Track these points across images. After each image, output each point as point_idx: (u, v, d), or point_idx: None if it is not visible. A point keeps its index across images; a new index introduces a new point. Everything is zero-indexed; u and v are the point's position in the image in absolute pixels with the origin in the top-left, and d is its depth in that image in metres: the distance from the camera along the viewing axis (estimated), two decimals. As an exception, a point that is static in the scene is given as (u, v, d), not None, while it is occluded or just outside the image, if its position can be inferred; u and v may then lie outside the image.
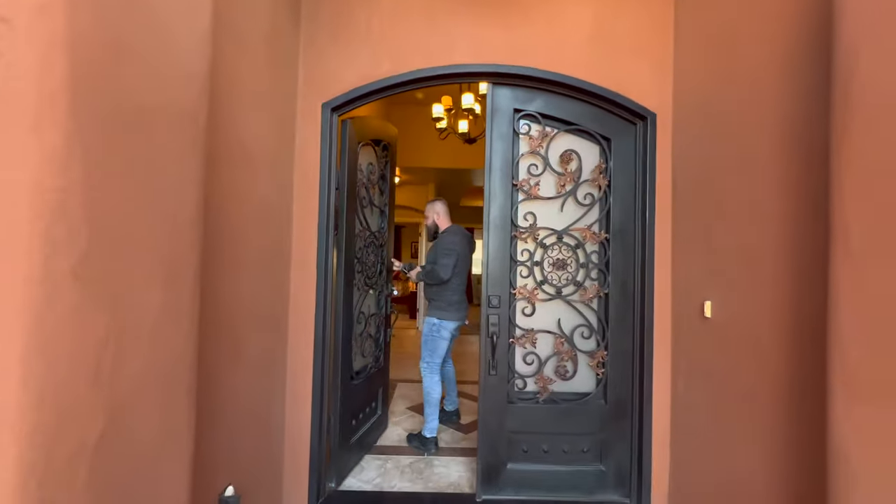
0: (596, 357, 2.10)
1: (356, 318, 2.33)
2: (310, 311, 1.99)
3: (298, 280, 1.98)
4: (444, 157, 5.84)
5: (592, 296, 2.10)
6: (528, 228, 2.09)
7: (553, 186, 2.14)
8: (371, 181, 2.48)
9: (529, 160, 2.13)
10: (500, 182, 2.10)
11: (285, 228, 1.91)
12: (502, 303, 2.08)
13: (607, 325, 2.10)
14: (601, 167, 2.11)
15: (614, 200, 2.11)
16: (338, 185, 2.14)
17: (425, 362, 2.77)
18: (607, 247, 2.11)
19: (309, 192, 2.01)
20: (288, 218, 1.94)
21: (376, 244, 2.57)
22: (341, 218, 2.15)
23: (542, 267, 2.11)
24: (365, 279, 2.43)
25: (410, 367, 4.80)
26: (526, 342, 2.09)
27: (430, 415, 2.70)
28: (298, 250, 1.99)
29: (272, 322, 1.80)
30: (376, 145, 2.56)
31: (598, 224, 2.14)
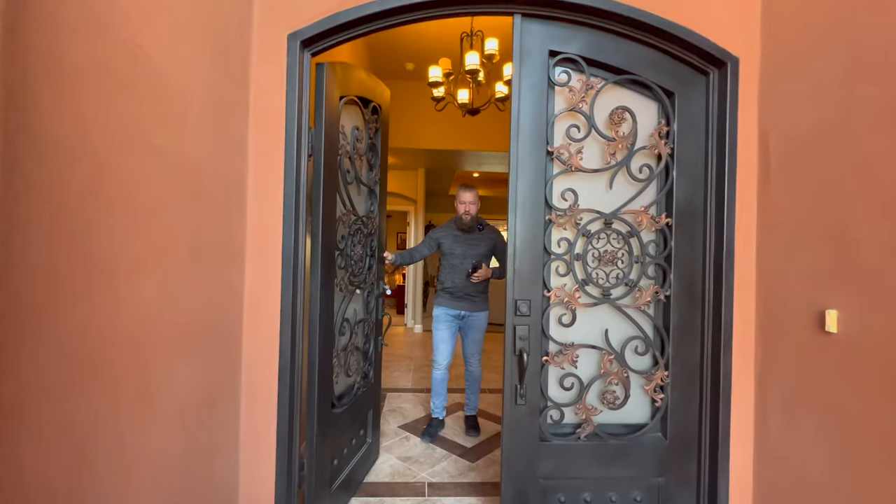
0: (653, 379, 1.61)
1: (339, 328, 1.80)
2: (272, 321, 1.44)
3: (256, 280, 1.44)
4: (437, 138, 5.29)
5: (649, 299, 1.60)
6: (567, 211, 1.58)
7: (598, 156, 1.63)
8: (357, 151, 1.93)
9: (568, 120, 1.61)
10: (531, 149, 1.57)
11: (234, 207, 1.36)
12: (533, 309, 1.57)
13: (668, 337, 1.61)
14: (661, 130, 1.60)
15: (678, 174, 1.61)
16: (312, 152, 1.59)
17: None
18: (669, 235, 1.61)
19: (270, 157, 1.45)
20: (238, 192, 1.39)
21: (364, 232, 2.03)
22: (317, 196, 1.60)
23: (584, 262, 1.60)
24: (350, 277, 1.89)
25: (402, 372, 4.28)
26: (563, 361, 1.58)
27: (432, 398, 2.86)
28: (256, 238, 1.44)
29: (214, 340, 1.26)
30: (364, 106, 2.00)
31: (656, 206, 1.63)
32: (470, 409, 2.94)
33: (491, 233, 2.86)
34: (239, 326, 1.40)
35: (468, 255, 2.74)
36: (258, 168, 1.44)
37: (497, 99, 3.22)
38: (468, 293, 2.76)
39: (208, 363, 1.22)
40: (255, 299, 1.43)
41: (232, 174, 1.33)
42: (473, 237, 2.77)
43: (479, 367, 2.88)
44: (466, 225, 2.72)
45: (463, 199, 2.74)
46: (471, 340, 2.82)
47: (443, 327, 2.78)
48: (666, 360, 1.62)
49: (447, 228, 2.83)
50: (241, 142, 1.39)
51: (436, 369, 2.83)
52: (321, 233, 1.60)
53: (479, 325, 2.81)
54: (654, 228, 1.62)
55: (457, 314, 2.78)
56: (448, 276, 2.78)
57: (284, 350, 1.44)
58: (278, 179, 1.45)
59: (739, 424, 1.54)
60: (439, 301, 2.82)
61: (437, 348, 2.79)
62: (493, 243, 2.84)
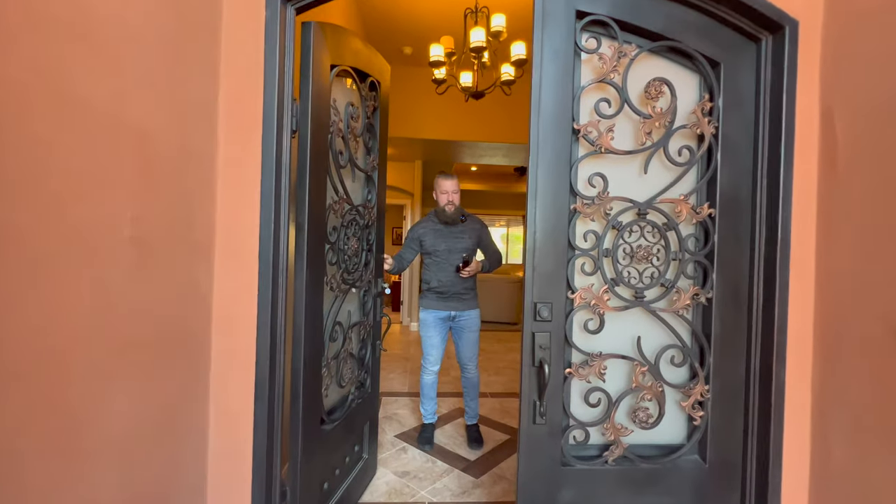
0: (692, 394, 1.39)
1: (329, 333, 1.57)
2: (248, 327, 1.21)
3: (228, 277, 1.20)
4: (436, 127, 5.04)
5: (688, 302, 1.38)
6: (595, 199, 1.36)
7: (631, 136, 1.41)
8: (353, 131, 1.69)
9: (597, 94, 1.38)
10: (553, 127, 1.35)
11: (199, 188, 1.12)
12: (555, 314, 1.35)
13: (709, 346, 1.40)
14: (705, 107, 1.38)
15: (723, 157, 1.39)
16: (297, 127, 1.35)
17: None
18: (712, 228, 1.39)
19: (245, 132, 1.21)
20: (205, 171, 1.15)
21: (360, 223, 1.79)
22: (302, 180, 1.36)
23: (614, 259, 1.38)
24: (343, 274, 1.65)
25: (398, 374, 4.06)
26: (590, 373, 1.37)
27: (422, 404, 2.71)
28: (227, 228, 1.20)
29: (172, 353, 1.02)
30: (360, 80, 1.76)
31: (696, 194, 1.41)
32: (471, 417, 2.73)
33: (475, 223, 2.68)
34: (206, 334, 1.17)
35: (454, 249, 2.54)
36: (230, 143, 1.20)
37: (503, 82, 2.98)
38: (457, 291, 2.56)
39: (163, 383, 0.99)
40: (227, 301, 1.20)
41: (195, 148, 1.09)
42: (457, 230, 2.58)
43: (476, 372, 2.67)
44: (450, 217, 2.52)
45: (445, 187, 2.53)
46: (466, 342, 2.60)
47: (432, 332, 2.59)
48: (706, 373, 1.40)
49: (426, 224, 2.62)
50: (209, 110, 1.15)
51: (426, 374, 2.66)
52: (308, 223, 1.37)
53: (472, 325, 2.61)
54: (694, 220, 1.40)
55: (447, 315, 2.58)
56: (434, 275, 2.57)
57: (262, 361, 1.21)
58: (255, 158, 1.21)
59: (792, 448, 1.34)
60: (426, 303, 2.61)
61: (428, 353, 2.62)
62: (478, 234, 2.65)
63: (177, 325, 1.03)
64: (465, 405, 2.73)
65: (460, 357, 2.64)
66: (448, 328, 2.61)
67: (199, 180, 1.11)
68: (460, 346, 2.62)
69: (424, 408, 2.68)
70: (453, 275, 2.52)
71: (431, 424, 2.69)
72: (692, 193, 1.40)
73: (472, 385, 2.68)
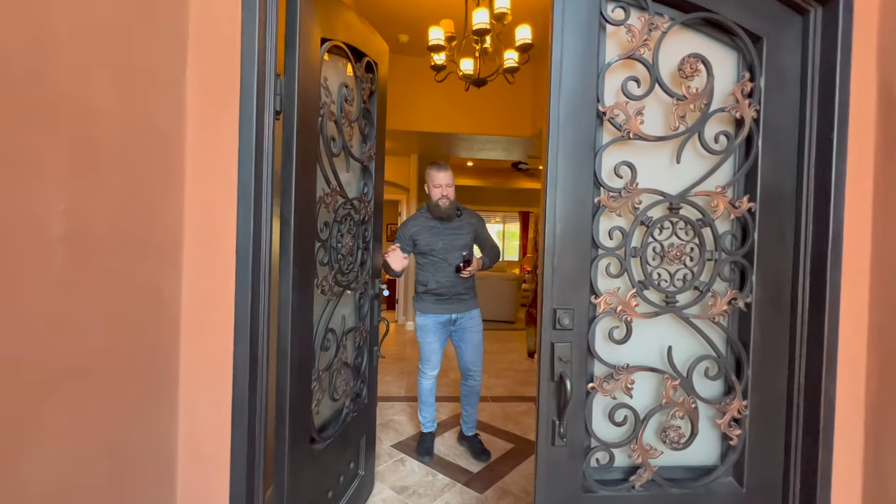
0: (728, 410, 1.24)
1: (320, 342, 1.40)
2: (224, 340, 1.04)
3: (199, 282, 1.03)
4: (433, 119, 4.86)
5: (725, 308, 1.23)
6: (622, 192, 1.20)
7: (661, 120, 1.25)
8: (347, 116, 1.51)
9: (624, 72, 1.22)
10: (575, 109, 1.18)
11: (162, 178, 0.94)
12: (577, 321, 1.19)
13: (748, 356, 1.25)
14: (745, 88, 1.22)
15: (765, 144, 1.23)
16: (282, 108, 1.17)
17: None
18: (751, 224, 1.23)
19: (220, 112, 1.03)
20: (169, 158, 0.97)
21: (355, 219, 1.62)
22: (288, 168, 1.19)
23: (643, 259, 1.22)
24: (336, 276, 1.48)
25: (393, 376, 3.89)
26: (615, 388, 1.21)
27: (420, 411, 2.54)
28: (197, 223, 1.03)
29: (123, 380, 0.85)
30: (356, 59, 1.58)
31: (733, 187, 1.26)
32: (470, 427, 2.54)
33: (471, 217, 2.49)
34: (173, 349, 0.99)
35: (451, 247, 2.35)
36: (202, 124, 1.02)
37: (506, 70, 2.81)
38: (457, 292, 2.37)
39: (112, 416, 0.81)
40: (199, 309, 1.02)
41: (157, 128, 0.91)
42: (453, 226, 2.38)
43: (480, 380, 2.47)
44: (445, 212, 2.31)
45: (438, 180, 2.32)
46: (469, 345, 2.42)
47: (432, 337, 2.40)
48: (744, 387, 1.25)
49: (419, 220, 2.40)
50: (174, 83, 0.97)
51: (425, 379, 2.47)
52: (294, 217, 1.19)
53: (475, 325, 2.43)
54: (732, 216, 1.24)
55: (447, 319, 2.39)
56: (431, 276, 2.36)
57: (240, 379, 1.04)
58: (230, 141, 1.04)
59: (842, 472, 1.19)
60: (423, 307, 2.41)
61: (428, 358, 2.43)
62: (475, 229, 2.47)
63: (131, 340, 0.85)
64: (462, 412, 2.53)
65: (463, 362, 2.45)
66: (448, 332, 2.43)
67: (161, 167, 0.93)
68: (463, 349, 2.43)
69: (423, 415, 2.51)
70: (453, 275, 2.34)
71: (431, 434, 2.52)
72: (729, 186, 1.24)
73: (475, 392, 2.49)
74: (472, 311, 2.43)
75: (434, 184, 2.33)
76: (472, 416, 2.53)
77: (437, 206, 2.32)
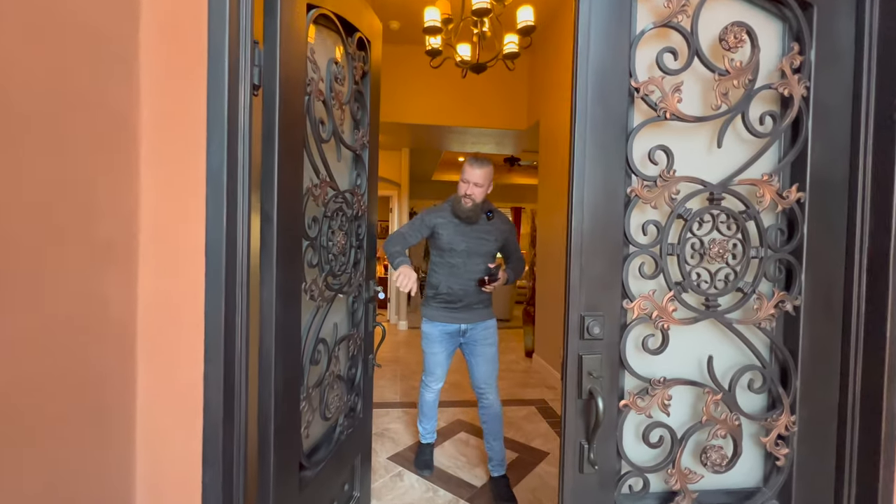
0: (775, 426, 1.10)
1: (310, 355, 1.22)
2: (192, 361, 0.86)
3: (159, 290, 0.84)
4: (425, 111, 4.68)
5: (772, 311, 1.09)
6: (657, 180, 1.04)
7: (699, 99, 1.10)
8: (337, 96, 1.33)
9: (659, 43, 1.06)
10: (604, 85, 1.02)
11: (106, 161, 0.75)
12: (607, 330, 1.03)
13: (796, 366, 1.11)
14: (793, 61, 1.07)
15: (815, 126, 1.09)
16: (261, 82, 0.99)
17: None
18: (800, 216, 1.09)
19: (182, 79, 0.85)
20: (118, 138, 0.78)
21: (347, 214, 1.44)
22: (269, 154, 1.01)
23: (681, 257, 1.07)
24: (328, 278, 1.30)
25: (387, 380, 3.72)
26: (651, 404, 1.06)
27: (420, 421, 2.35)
28: (156, 219, 0.84)
29: (52, 421, 0.66)
30: (347, 33, 1.40)
31: (779, 175, 1.11)
32: (497, 465, 2.14)
33: (503, 224, 2.18)
34: (127, 376, 0.81)
35: (474, 253, 2.07)
36: (162, 99, 0.84)
37: (506, 55, 2.64)
38: (470, 302, 2.11)
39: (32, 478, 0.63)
40: (160, 325, 0.84)
41: (101, 101, 0.72)
42: (482, 229, 2.09)
43: (497, 399, 2.13)
44: (465, 213, 2.01)
45: (466, 175, 1.99)
46: (482, 360, 2.11)
47: (438, 348, 2.15)
48: (792, 400, 1.11)
49: (445, 214, 2.10)
50: (123, 45, 0.78)
51: (427, 391, 2.26)
52: (278, 213, 1.01)
53: (488, 337, 2.13)
54: (780, 207, 1.10)
55: (455, 329, 2.13)
56: (444, 280, 2.10)
57: (213, 408, 0.86)
58: (197, 121, 0.85)
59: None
60: (430, 314, 2.16)
61: (432, 370, 2.19)
62: (504, 238, 2.18)
63: (66, 366, 0.67)
64: (486, 447, 2.15)
65: (475, 379, 2.14)
66: (457, 343, 2.17)
67: (109, 148, 0.75)
68: (474, 364, 2.13)
69: (423, 426, 2.33)
70: (469, 283, 2.08)
71: (430, 445, 2.35)
72: (775, 174, 1.10)
73: (495, 418, 2.11)
74: (485, 322, 2.15)
75: (463, 178, 2.01)
76: (497, 450, 2.13)
77: (458, 203, 2.03)
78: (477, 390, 2.14)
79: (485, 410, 2.13)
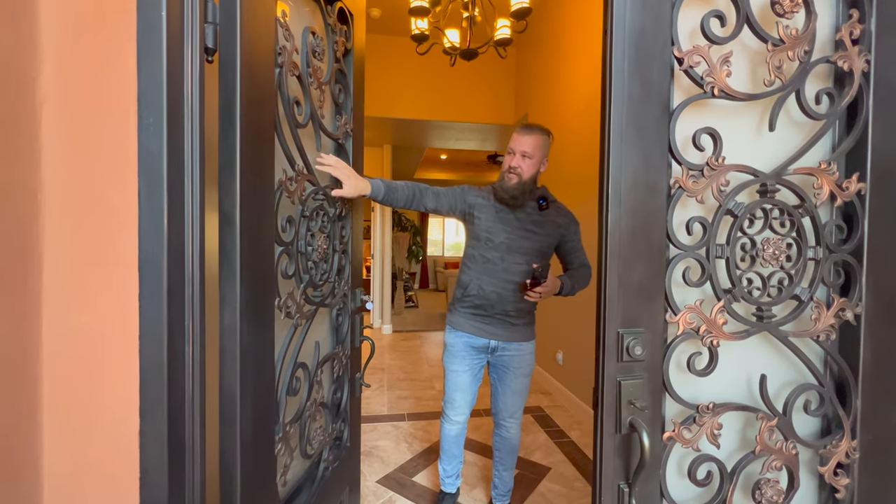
0: (834, 454, 0.95)
1: (286, 386, 1.01)
2: (121, 413, 0.64)
3: (70, 316, 0.62)
4: (409, 105, 4.47)
5: (832, 322, 0.94)
6: (704, 169, 0.87)
7: (747, 74, 0.94)
8: (315, 73, 1.11)
9: (702, 7, 0.89)
10: (641, 56, 0.85)
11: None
12: (648, 348, 0.86)
13: (857, 384, 0.96)
14: (853, 31, 0.92)
15: (876, 106, 0.94)
16: (216, 44, 0.77)
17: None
18: (861, 211, 0.94)
19: (104, 32, 0.62)
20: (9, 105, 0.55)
21: (330, 214, 1.23)
22: (229, 137, 0.79)
23: (730, 259, 0.90)
24: (307, 290, 1.09)
25: (373, 391, 3.50)
26: (699, 435, 0.89)
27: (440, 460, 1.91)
28: (67, 215, 0.62)
29: None
30: (327, 1, 1.19)
31: (836, 163, 0.96)
32: (502, 495, 1.91)
33: (561, 216, 1.72)
34: (30, 445, 0.58)
35: (517, 248, 1.64)
36: (71, 57, 0.61)
37: (498, 42, 2.46)
38: (506, 311, 1.67)
39: None
40: (76, 372, 0.61)
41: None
42: (530, 220, 1.66)
43: (518, 431, 1.83)
44: (509, 192, 1.60)
45: (514, 143, 1.59)
46: (510, 389, 1.75)
47: (461, 366, 1.73)
48: (853, 423, 0.96)
49: (487, 193, 1.70)
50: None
51: (449, 424, 1.81)
52: (241, 213, 0.80)
53: (521, 365, 1.73)
54: (839, 200, 0.95)
55: (484, 345, 1.72)
56: (475, 277, 1.67)
57: (152, 479, 0.64)
58: (125, 92, 0.63)
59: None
60: (455, 320, 1.74)
61: (452, 396, 1.76)
62: (561, 234, 1.71)
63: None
64: (493, 473, 1.91)
65: (498, 408, 1.80)
66: (484, 361, 1.77)
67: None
68: (500, 393, 1.77)
69: (444, 467, 1.89)
70: (507, 286, 1.65)
71: (453, 496, 1.92)
72: (831, 161, 0.94)
73: (511, 448, 1.83)
74: (522, 344, 1.73)
75: (509, 148, 1.62)
76: (506, 480, 1.89)
77: (501, 182, 1.63)
78: (498, 418, 1.83)
79: (502, 441, 1.84)
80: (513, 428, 1.80)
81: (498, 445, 1.85)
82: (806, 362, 0.95)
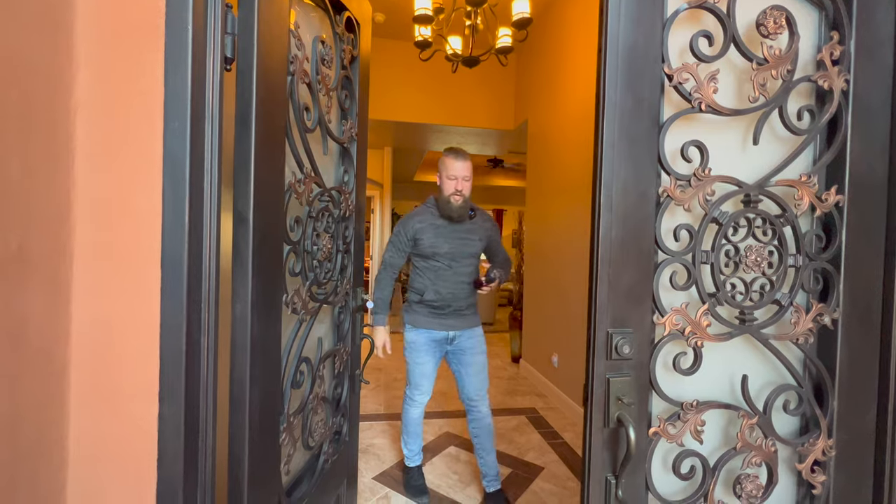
0: (811, 451, 1.00)
1: (291, 379, 1.05)
2: (142, 396, 0.68)
3: (98, 308, 0.67)
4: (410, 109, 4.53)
5: (811, 326, 0.99)
6: (691, 179, 0.93)
7: (733, 90, 0.99)
8: (323, 81, 1.16)
9: (692, 27, 0.95)
10: (633, 71, 0.91)
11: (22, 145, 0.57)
12: (636, 347, 0.91)
13: (833, 385, 1.01)
14: (833, 52, 0.98)
15: (854, 122, 1.00)
16: (234, 54, 0.82)
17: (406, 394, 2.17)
18: (839, 221, 1.00)
19: (133, 46, 0.67)
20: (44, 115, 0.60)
21: (334, 215, 1.28)
22: (244, 142, 0.84)
23: (715, 265, 0.96)
24: (312, 288, 1.14)
25: (370, 389, 3.54)
26: (683, 431, 0.94)
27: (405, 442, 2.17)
28: (96, 216, 0.67)
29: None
30: (335, 10, 1.24)
31: (816, 175, 1.01)
32: (491, 480, 2.03)
33: (485, 221, 2.10)
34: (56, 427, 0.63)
35: (459, 254, 1.97)
36: (104, 68, 0.66)
37: (499, 50, 2.52)
38: (458, 307, 2.00)
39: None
40: (101, 358, 0.66)
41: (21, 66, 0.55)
42: (464, 228, 1.99)
43: (489, 411, 2.04)
44: (456, 211, 1.91)
45: (454, 170, 1.90)
46: (472, 371, 2.01)
47: (425, 357, 2.01)
48: (829, 422, 1.02)
49: (424, 217, 1.99)
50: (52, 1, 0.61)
51: (412, 406, 2.11)
52: (254, 213, 0.84)
53: (477, 346, 2.03)
54: (819, 211, 1.00)
55: (443, 337, 2.01)
56: (429, 284, 1.97)
57: (169, 460, 0.68)
58: (153, 99, 0.68)
59: (950, 524, 0.98)
60: (416, 320, 2.03)
61: (418, 383, 2.05)
62: (488, 236, 2.09)
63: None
64: (478, 461, 2.04)
65: (466, 391, 2.03)
66: (444, 351, 2.06)
67: (23, 128, 0.57)
68: (464, 375, 2.02)
69: (409, 447, 2.15)
70: (458, 287, 1.98)
71: (419, 468, 2.17)
72: (812, 174, 1.00)
73: (486, 430, 2.00)
74: (473, 329, 2.05)
75: (448, 174, 1.91)
76: (491, 464, 2.02)
77: (447, 203, 1.92)
78: (467, 403, 2.04)
79: (476, 423, 2.02)
80: (483, 406, 2.02)
81: (475, 432, 2.03)
82: (786, 364, 1.00)
